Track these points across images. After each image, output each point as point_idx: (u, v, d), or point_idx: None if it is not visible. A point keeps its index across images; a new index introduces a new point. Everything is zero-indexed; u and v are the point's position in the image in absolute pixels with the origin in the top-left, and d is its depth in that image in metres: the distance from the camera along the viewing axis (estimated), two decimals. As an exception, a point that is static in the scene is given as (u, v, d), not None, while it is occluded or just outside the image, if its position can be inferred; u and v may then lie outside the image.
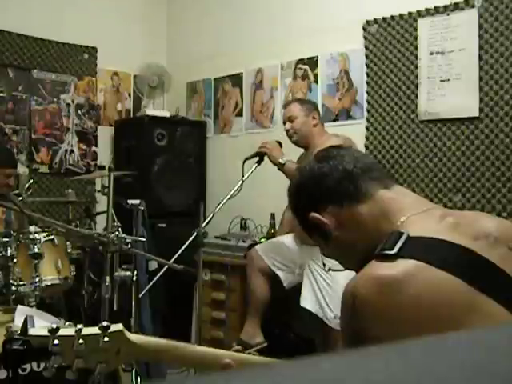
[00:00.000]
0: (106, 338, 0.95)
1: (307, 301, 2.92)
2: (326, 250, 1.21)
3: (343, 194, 1.11)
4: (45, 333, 0.92)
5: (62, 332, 0.92)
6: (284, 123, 3.21)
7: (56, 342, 0.91)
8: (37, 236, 2.69)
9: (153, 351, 1.00)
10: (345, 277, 1.34)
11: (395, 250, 0.95)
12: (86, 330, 0.95)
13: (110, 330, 0.95)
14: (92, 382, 1.69)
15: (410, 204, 1.08)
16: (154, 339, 1.02)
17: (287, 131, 3.15)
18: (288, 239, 3.23)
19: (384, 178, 1.15)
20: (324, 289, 2.89)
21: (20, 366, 1.46)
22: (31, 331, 0.92)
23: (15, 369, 1.46)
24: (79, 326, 0.94)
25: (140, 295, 3.00)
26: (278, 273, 3.17)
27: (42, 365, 1.53)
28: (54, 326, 0.91)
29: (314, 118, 3.11)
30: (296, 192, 1.22)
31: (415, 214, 1.04)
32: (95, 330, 0.95)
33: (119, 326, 0.97)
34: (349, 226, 1.11)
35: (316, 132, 3.08)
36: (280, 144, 3.08)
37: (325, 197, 1.13)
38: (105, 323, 0.95)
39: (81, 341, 0.93)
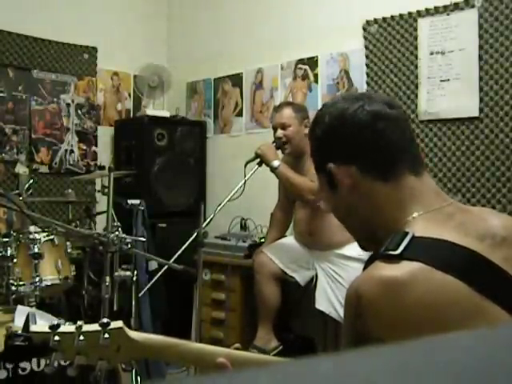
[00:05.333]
0: (106, 335, 0.95)
1: (322, 303, 2.87)
2: (326, 200, 1.14)
3: (374, 166, 1.05)
4: (46, 329, 0.92)
5: (62, 329, 0.93)
6: (274, 129, 3.05)
7: (57, 338, 0.92)
8: (37, 236, 2.69)
9: (153, 348, 1.00)
10: None
11: (399, 251, 0.94)
12: (87, 327, 0.95)
13: (110, 327, 0.96)
14: (93, 379, 1.69)
15: (426, 200, 1.04)
16: (153, 336, 1.02)
17: (279, 138, 3.00)
18: (293, 240, 3.19)
19: (417, 163, 1.07)
20: (337, 289, 2.85)
21: (22, 361, 1.46)
22: (33, 328, 0.92)
23: (17, 364, 1.47)
24: (79, 323, 0.94)
25: (140, 295, 3.00)
26: (293, 275, 3.05)
27: (42, 365, 1.53)
28: (55, 322, 0.91)
29: (306, 126, 2.96)
30: (326, 135, 1.14)
31: (425, 213, 1.02)
32: (95, 326, 0.95)
33: (119, 323, 0.97)
34: (361, 196, 1.07)
35: (308, 141, 2.90)
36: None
37: (354, 157, 1.06)
38: (105, 320, 0.95)
39: (81, 337, 0.93)
